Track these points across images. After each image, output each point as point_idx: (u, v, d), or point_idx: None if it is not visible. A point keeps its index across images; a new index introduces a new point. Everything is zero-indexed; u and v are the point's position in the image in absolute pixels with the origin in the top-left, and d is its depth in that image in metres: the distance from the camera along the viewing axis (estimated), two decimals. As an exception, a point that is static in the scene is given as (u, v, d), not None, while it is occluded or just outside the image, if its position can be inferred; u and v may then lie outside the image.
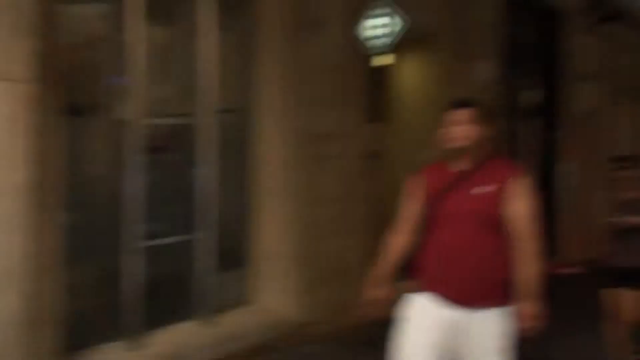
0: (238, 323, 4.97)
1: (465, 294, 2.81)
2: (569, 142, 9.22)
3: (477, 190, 2.85)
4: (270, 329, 5.02)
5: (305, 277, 5.28)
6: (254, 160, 5.31)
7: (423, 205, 2.95)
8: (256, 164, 5.31)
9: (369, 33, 5.49)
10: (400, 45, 6.17)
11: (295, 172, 5.24)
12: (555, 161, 9.11)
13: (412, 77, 7.24)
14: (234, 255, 5.34)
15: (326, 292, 5.37)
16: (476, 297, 2.81)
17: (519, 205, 2.84)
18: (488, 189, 2.84)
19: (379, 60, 5.76)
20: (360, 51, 5.69)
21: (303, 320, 5.16)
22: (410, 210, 3.02)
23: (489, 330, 2.82)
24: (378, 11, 5.45)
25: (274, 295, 5.28)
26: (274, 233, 5.27)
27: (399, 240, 3.02)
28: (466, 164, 2.91)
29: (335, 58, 5.50)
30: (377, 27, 5.49)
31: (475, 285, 2.80)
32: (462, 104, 2.98)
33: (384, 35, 5.49)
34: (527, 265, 2.80)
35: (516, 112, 8.50)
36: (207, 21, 4.84)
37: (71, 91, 4.08)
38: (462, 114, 2.92)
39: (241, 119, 5.40)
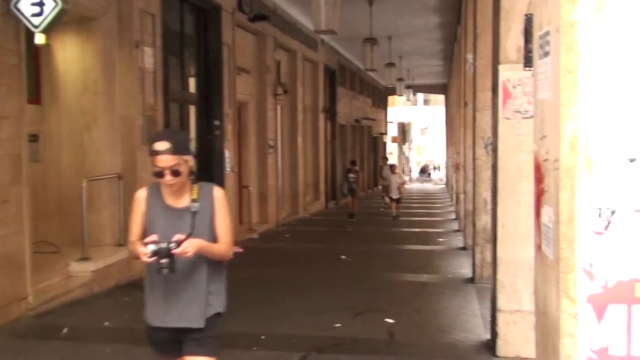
0: None
1: None
2: (227, 129, 10.00)
3: None
4: None
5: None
6: None
7: None
8: None
9: (26, 11, 5.29)
10: (61, 26, 6.06)
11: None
12: (216, 146, 9.77)
13: (73, 59, 7.14)
14: None
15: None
16: None
17: None
18: None
19: (38, 40, 5.58)
20: (18, 29, 5.44)
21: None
22: None
23: None
24: (36, -11, 5.27)
25: None
26: None
27: None
28: None
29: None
30: (35, 4, 5.31)
31: None
32: None
33: (41, 15, 5.33)
34: None
35: (180, 98, 8.95)
36: None
37: None
38: None
39: None
